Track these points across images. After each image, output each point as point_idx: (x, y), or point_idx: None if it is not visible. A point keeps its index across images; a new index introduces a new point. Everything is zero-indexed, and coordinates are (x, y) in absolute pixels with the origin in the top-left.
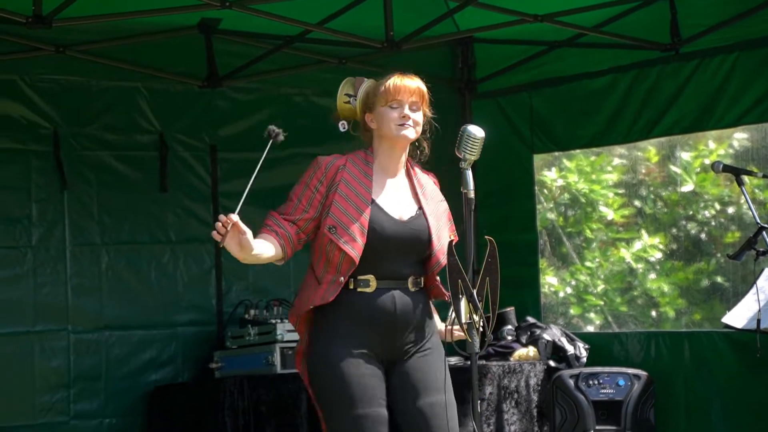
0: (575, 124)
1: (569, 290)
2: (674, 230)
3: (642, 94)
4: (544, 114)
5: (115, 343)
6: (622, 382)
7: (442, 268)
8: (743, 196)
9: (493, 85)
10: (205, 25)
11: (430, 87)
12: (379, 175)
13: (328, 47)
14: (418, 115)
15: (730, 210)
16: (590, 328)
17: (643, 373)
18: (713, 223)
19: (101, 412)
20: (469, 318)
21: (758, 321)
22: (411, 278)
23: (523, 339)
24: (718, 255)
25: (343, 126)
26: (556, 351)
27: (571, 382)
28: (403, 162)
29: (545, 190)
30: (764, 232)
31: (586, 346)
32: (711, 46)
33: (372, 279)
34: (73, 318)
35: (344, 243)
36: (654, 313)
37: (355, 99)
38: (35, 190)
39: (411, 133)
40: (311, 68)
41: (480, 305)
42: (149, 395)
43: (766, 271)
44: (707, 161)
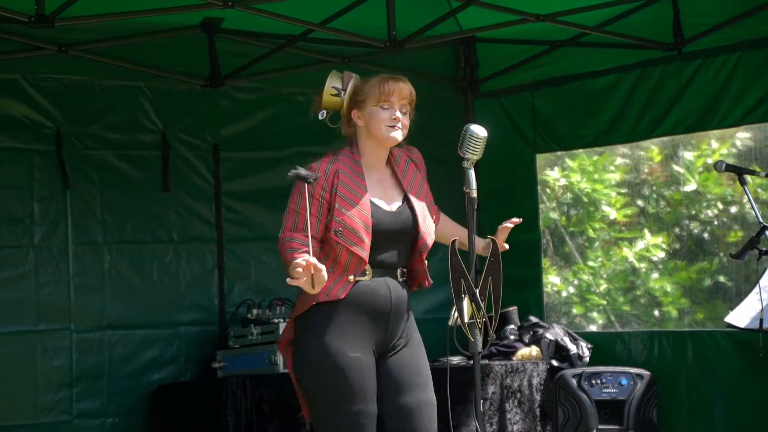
0: (578, 123)
1: (572, 290)
2: (677, 230)
3: (645, 94)
4: (546, 113)
5: (117, 342)
6: (624, 381)
7: (429, 249)
8: (746, 196)
9: (495, 84)
10: (207, 25)
11: (433, 87)
12: (367, 172)
13: (330, 47)
14: (407, 118)
15: (733, 209)
16: (593, 328)
17: (645, 372)
18: (716, 223)
19: (104, 411)
20: (472, 317)
21: (761, 320)
22: (399, 269)
23: (526, 338)
24: (721, 254)
25: (322, 115)
26: (559, 350)
27: (574, 381)
28: (386, 157)
29: (548, 190)
30: (767, 232)
31: (589, 346)
32: (714, 45)
33: (368, 268)
34: (75, 317)
35: (353, 245)
36: (657, 313)
37: (343, 93)
38: (38, 190)
39: (399, 135)
40: (314, 68)
41: (483, 305)
42: (152, 394)
43: None
44: (710, 161)
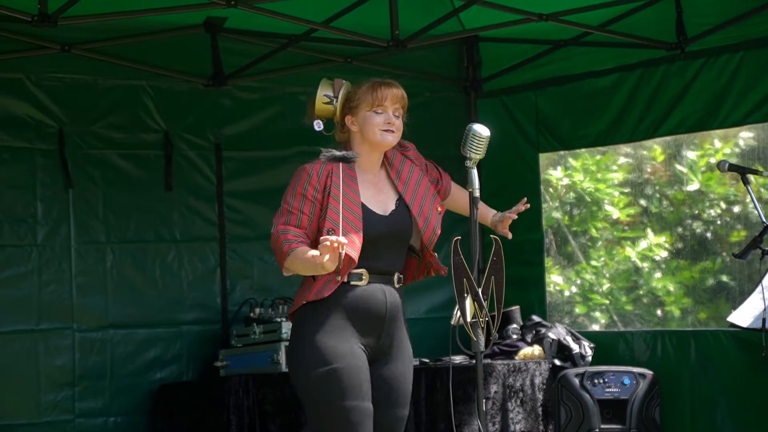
0: (580, 123)
1: (574, 289)
2: (680, 229)
3: (647, 93)
4: (549, 113)
5: (119, 341)
6: (627, 381)
7: (436, 241)
8: (749, 195)
9: (498, 84)
10: (210, 24)
11: (435, 86)
12: (360, 176)
13: (333, 46)
14: (400, 122)
15: (736, 209)
16: (595, 327)
17: (648, 372)
18: (719, 222)
19: (106, 410)
20: (475, 317)
21: (764, 320)
22: (396, 275)
23: (529, 338)
24: (724, 254)
25: (318, 125)
26: (562, 350)
27: (577, 380)
28: (380, 161)
29: (551, 189)
30: None
31: (592, 345)
32: (716, 45)
33: (365, 273)
34: (77, 316)
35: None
36: (659, 312)
37: (335, 100)
38: (40, 189)
39: (393, 138)
40: (316, 67)
41: (485, 304)
42: (154, 394)
43: None
44: (713, 160)
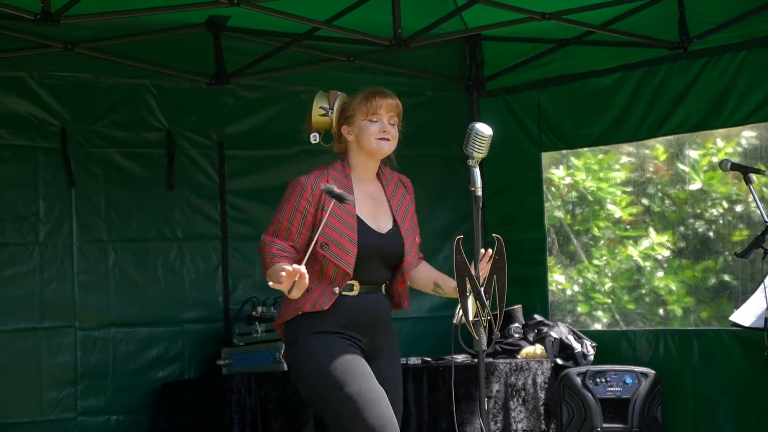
0: (583, 122)
1: (577, 288)
2: (682, 228)
3: (650, 92)
4: (551, 112)
5: (121, 339)
6: (629, 380)
7: (413, 269)
8: (751, 195)
9: (500, 82)
10: (213, 23)
11: (438, 85)
12: (357, 187)
13: (336, 45)
14: (395, 129)
15: (738, 208)
16: (597, 326)
17: (650, 371)
18: (721, 222)
19: (108, 408)
20: (477, 316)
21: (766, 319)
22: (384, 284)
23: (531, 337)
24: (726, 253)
25: (314, 138)
26: (564, 349)
27: (579, 379)
28: (376, 170)
29: (553, 188)
30: None
31: (594, 344)
32: (719, 44)
33: (356, 284)
34: (79, 315)
35: (339, 258)
36: (661, 311)
37: (331, 111)
38: (43, 187)
39: (389, 146)
40: (319, 66)
41: (487, 303)
42: (156, 392)
43: None
44: (715, 159)
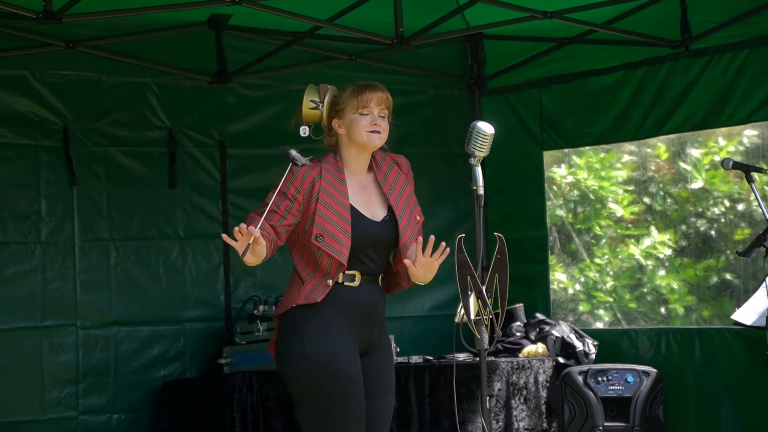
0: (585, 120)
1: (578, 287)
2: (684, 227)
3: (652, 91)
4: (553, 111)
5: (123, 338)
6: (631, 378)
7: (408, 248)
8: (753, 193)
9: (502, 81)
10: (214, 21)
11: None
12: (350, 179)
13: (337, 44)
14: (386, 122)
15: (740, 207)
16: (599, 325)
17: (652, 369)
18: (723, 220)
19: (110, 407)
20: (478, 314)
21: (767, 318)
22: (381, 275)
23: (532, 335)
24: (728, 252)
25: (304, 131)
26: (565, 347)
27: (580, 378)
28: (368, 162)
29: (555, 187)
30: None
31: (595, 343)
32: (721, 42)
33: (357, 274)
34: (81, 313)
35: (332, 249)
36: (663, 310)
37: (322, 105)
38: (44, 186)
39: (380, 139)
40: (321, 64)
41: (489, 302)
42: (158, 391)
43: None
44: (717, 158)
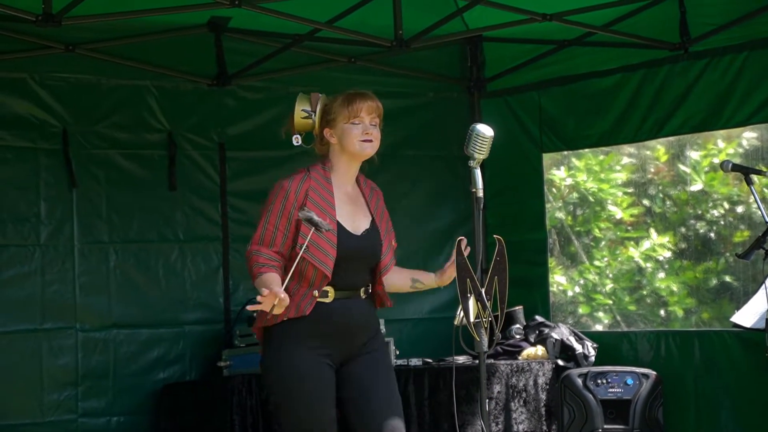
0: (584, 123)
1: (578, 289)
2: (683, 229)
3: (651, 94)
4: (553, 113)
5: (123, 341)
6: (630, 381)
7: (389, 271)
8: (752, 196)
9: (501, 84)
10: (214, 24)
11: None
12: (337, 189)
13: (337, 46)
14: (377, 131)
15: (739, 209)
16: (599, 327)
17: (651, 372)
18: (722, 223)
19: (109, 410)
20: (478, 317)
21: (767, 320)
22: (363, 288)
23: (532, 338)
24: (727, 254)
25: (296, 140)
26: (565, 350)
27: (580, 381)
28: (357, 172)
29: (554, 189)
30: None
31: (595, 345)
32: (720, 45)
33: (330, 290)
34: (81, 316)
35: (317, 260)
36: (663, 313)
37: (314, 114)
38: (44, 189)
39: (372, 148)
40: (320, 67)
41: (488, 304)
42: (157, 393)
43: None
44: (716, 160)
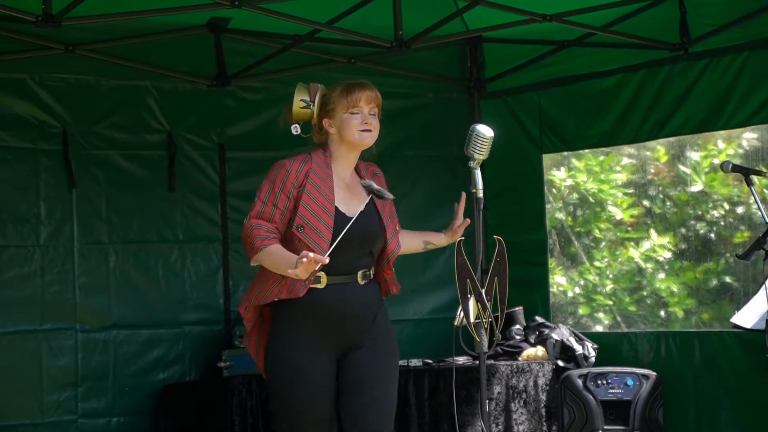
0: (584, 123)
1: (578, 290)
2: (683, 230)
3: (651, 94)
4: (552, 113)
5: (122, 341)
6: (630, 381)
7: (396, 256)
8: (752, 196)
9: (501, 84)
10: (214, 24)
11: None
12: (337, 176)
13: (337, 46)
14: (376, 120)
15: (740, 210)
16: (599, 328)
17: (651, 373)
18: (722, 223)
19: (109, 410)
20: (478, 317)
21: (767, 321)
22: (360, 272)
23: (532, 339)
24: (728, 255)
25: (295, 129)
26: (565, 351)
27: (580, 381)
28: (356, 162)
29: (554, 190)
30: None
31: (595, 346)
32: (720, 45)
33: (323, 276)
34: (80, 317)
35: (312, 242)
36: (663, 313)
37: (312, 104)
38: (44, 189)
39: (371, 137)
40: (320, 67)
41: (488, 305)
42: (157, 394)
43: None
44: (716, 161)
